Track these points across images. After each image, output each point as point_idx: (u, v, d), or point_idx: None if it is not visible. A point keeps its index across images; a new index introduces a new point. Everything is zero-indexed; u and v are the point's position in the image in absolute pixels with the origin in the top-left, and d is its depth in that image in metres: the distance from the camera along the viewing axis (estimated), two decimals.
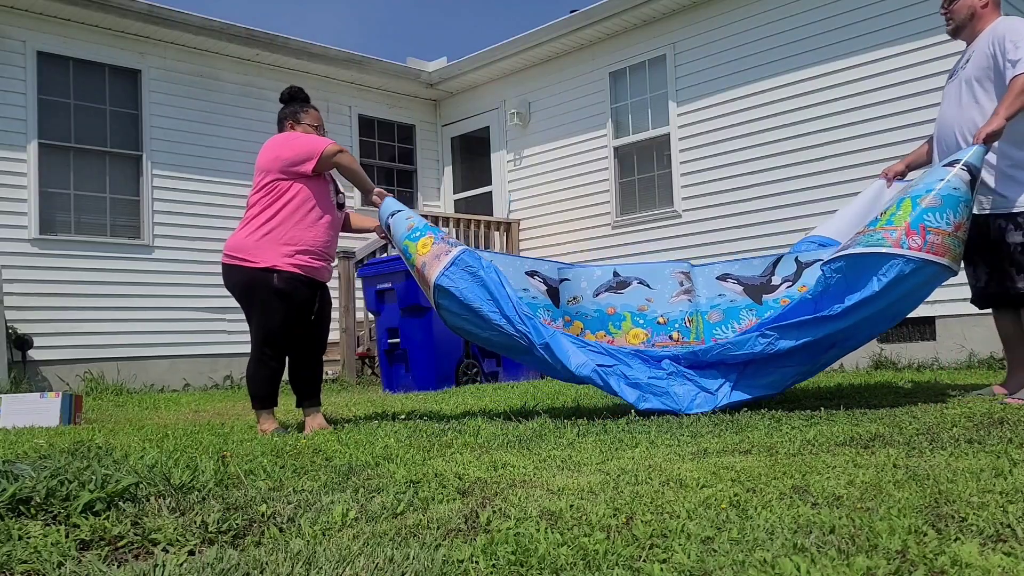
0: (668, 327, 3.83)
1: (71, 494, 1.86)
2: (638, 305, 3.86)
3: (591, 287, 3.93)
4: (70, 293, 7.50)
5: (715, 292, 3.92)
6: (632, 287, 3.89)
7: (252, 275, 3.66)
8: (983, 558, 1.31)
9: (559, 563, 1.40)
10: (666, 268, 3.95)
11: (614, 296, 3.89)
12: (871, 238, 3.33)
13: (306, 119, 3.94)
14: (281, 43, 8.71)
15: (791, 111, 7.32)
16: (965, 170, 3.31)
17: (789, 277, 3.85)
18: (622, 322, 3.85)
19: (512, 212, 9.71)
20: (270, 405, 3.79)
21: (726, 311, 3.89)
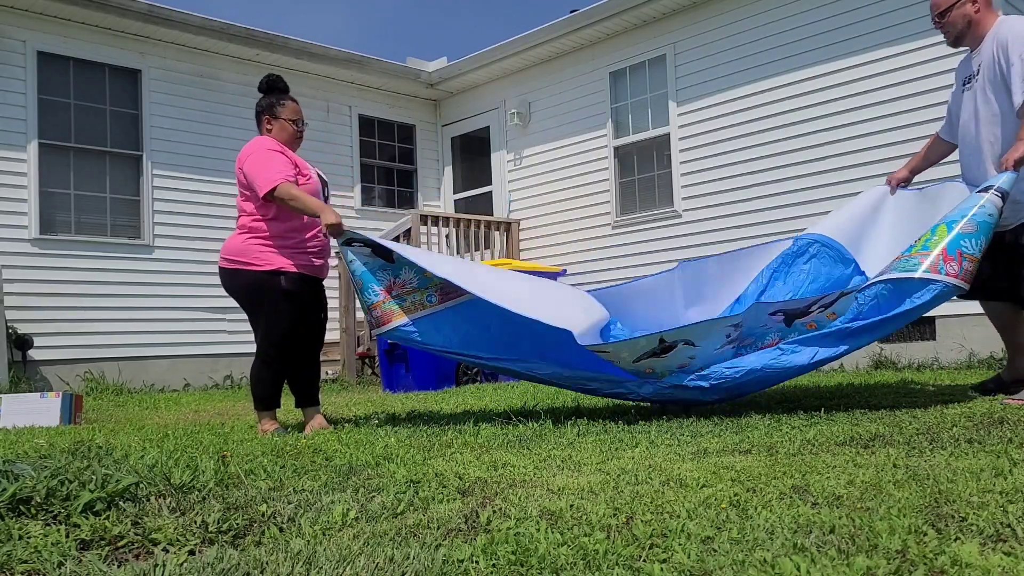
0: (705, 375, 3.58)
1: (71, 494, 1.86)
2: (678, 364, 3.58)
3: (632, 355, 3.57)
4: (70, 293, 7.50)
5: (760, 323, 3.70)
6: (676, 350, 3.54)
7: (258, 278, 3.65)
8: (983, 558, 1.31)
9: (559, 563, 1.40)
10: (720, 324, 3.61)
11: (655, 360, 3.56)
12: (907, 263, 3.32)
13: (284, 113, 3.86)
14: (281, 43, 8.71)
15: (791, 111, 7.32)
16: (999, 195, 3.34)
17: (825, 304, 3.61)
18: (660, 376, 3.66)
19: (512, 212, 9.71)
20: (273, 407, 3.79)
21: (757, 336, 3.73)
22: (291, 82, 9.10)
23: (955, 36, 3.82)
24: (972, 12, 3.73)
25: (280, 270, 3.65)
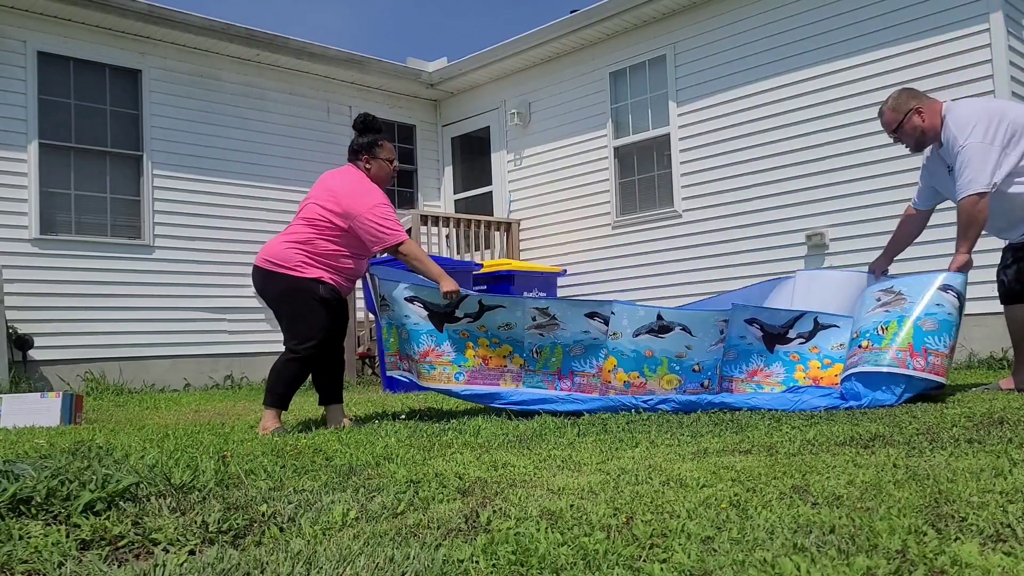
0: (702, 375, 3.89)
1: (72, 494, 1.86)
2: (677, 352, 3.87)
3: (632, 326, 3.90)
4: (70, 293, 7.51)
5: (738, 333, 4.01)
6: (674, 332, 3.86)
7: (298, 283, 3.83)
8: (983, 558, 1.31)
9: (559, 563, 1.40)
10: (712, 317, 3.95)
11: (654, 340, 3.87)
12: (879, 357, 3.62)
13: (382, 153, 4.04)
14: (281, 43, 8.71)
15: (791, 111, 7.32)
16: (955, 296, 3.69)
17: (804, 334, 4.01)
18: (658, 367, 3.89)
19: (512, 212, 9.71)
20: (282, 405, 3.87)
21: (741, 352, 4.04)
22: (291, 82, 9.22)
23: (915, 144, 4.04)
24: (920, 122, 3.95)
25: (319, 279, 3.86)
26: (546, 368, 3.99)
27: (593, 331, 3.98)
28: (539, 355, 3.99)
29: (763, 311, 4.08)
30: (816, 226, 7.12)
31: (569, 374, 4.01)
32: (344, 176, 3.99)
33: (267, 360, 8.30)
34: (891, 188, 6.61)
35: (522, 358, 4.00)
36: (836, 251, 7.01)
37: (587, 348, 3.99)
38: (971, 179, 3.70)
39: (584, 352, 4.00)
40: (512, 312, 3.97)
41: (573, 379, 4.01)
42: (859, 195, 6.85)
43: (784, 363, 4.02)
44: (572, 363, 4.00)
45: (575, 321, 3.96)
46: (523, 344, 3.98)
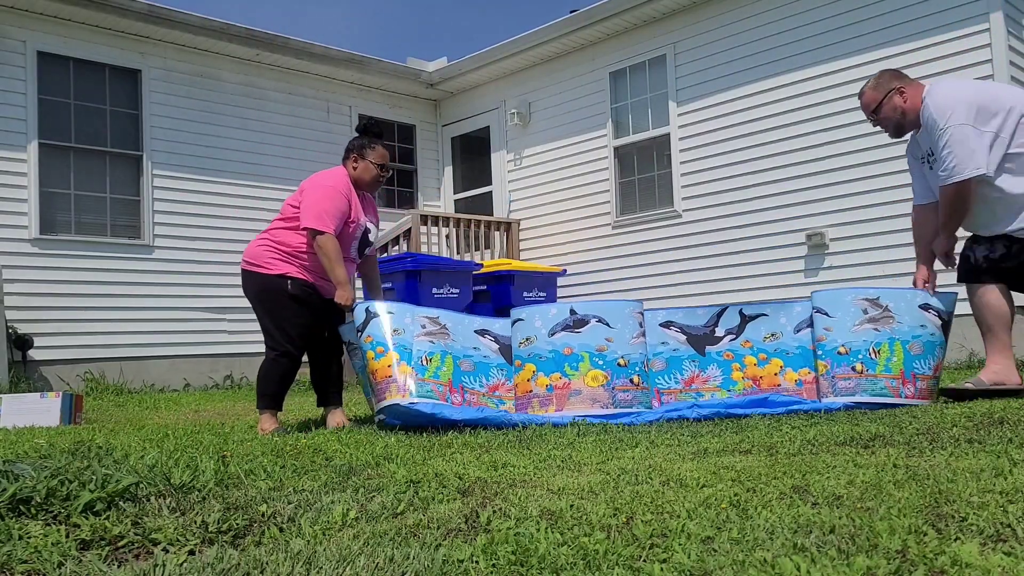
0: (629, 370, 3.66)
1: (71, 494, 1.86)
2: (597, 345, 3.65)
3: (546, 326, 3.69)
4: (70, 293, 7.50)
5: (658, 340, 3.81)
6: (590, 325, 3.65)
7: (266, 280, 3.84)
8: (983, 558, 1.31)
9: (559, 563, 1.40)
10: (626, 307, 3.75)
11: (571, 335, 3.66)
12: (875, 385, 3.58)
13: (371, 156, 4.02)
14: (281, 43, 8.71)
15: (791, 111, 7.32)
16: (935, 315, 3.67)
17: (732, 329, 3.82)
18: (579, 363, 3.65)
19: (512, 212, 9.71)
20: (275, 406, 3.87)
21: (669, 360, 3.83)
22: (291, 82, 9.22)
23: (894, 128, 3.78)
24: (901, 103, 3.69)
25: (285, 275, 3.84)
26: (436, 377, 3.69)
27: (483, 348, 3.83)
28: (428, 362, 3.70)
29: (675, 312, 3.87)
30: (816, 226, 7.12)
31: (460, 388, 3.73)
32: (323, 172, 4.02)
33: None
34: (891, 188, 6.61)
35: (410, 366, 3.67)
36: (836, 251, 7.01)
37: (476, 366, 3.80)
38: (956, 164, 3.42)
39: (473, 369, 3.79)
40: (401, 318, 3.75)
41: (463, 394, 3.73)
42: (859, 195, 6.85)
43: (719, 364, 3.80)
44: (462, 378, 3.74)
45: (465, 335, 3.82)
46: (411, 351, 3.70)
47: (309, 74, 9.24)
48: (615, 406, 3.60)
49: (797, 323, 3.79)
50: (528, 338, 3.72)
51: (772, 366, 3.78)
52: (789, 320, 3.81)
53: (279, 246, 3.87)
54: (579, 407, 3.58)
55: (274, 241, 3.89)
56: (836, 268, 6.98)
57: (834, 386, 3.61)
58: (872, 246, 6.70)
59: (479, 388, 3.78)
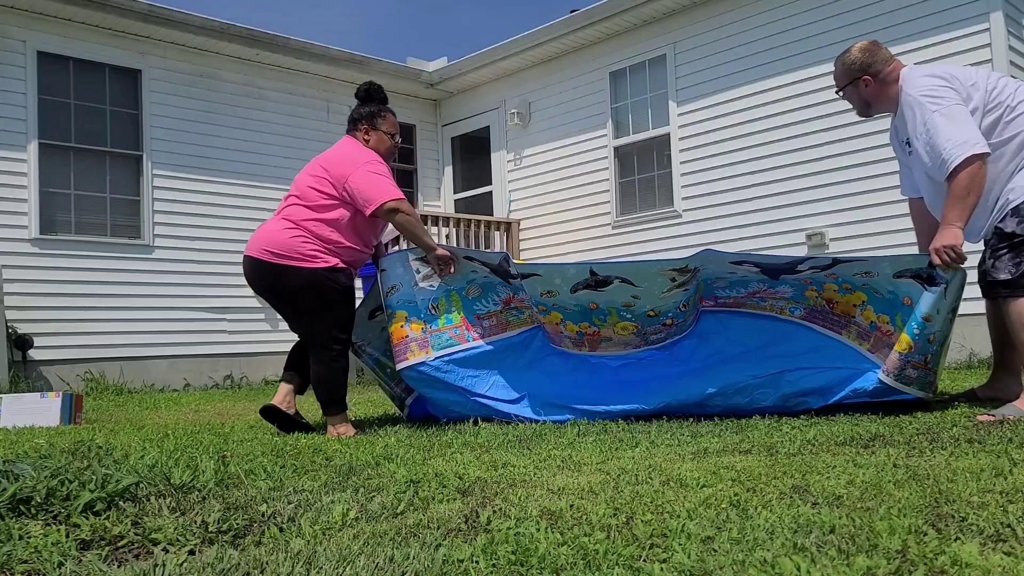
0: (662, 317, 3.51)
1: (71, 494, 1.86)
2: (623, 302, 3.49)
3: (566, 284, 3.50)
4: (70, 293, 7.50)
5: (726, 271, 3.47)
6: (614, 285, 3.45)
7: (316, 275, 3.56)
8: (983, 558, 1.31)
9: (559, 563, 1.40)
10: (654, 266, 3.44)
11: (594, 293, 3.48)
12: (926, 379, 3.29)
13: (384, 125, 3.78)
14: (281, 43, 8.71)
15: (791, 111, 7.32)
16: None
17: (818, 267, 3.38)
18: (607, 316, 3.54)
19: (512, 212, 9.71)
20: (346, 407, 3.71)
21: (734, 282, 3.52)
22: (291, 82, 9.23)
23: (859, 109, 3.58)
24: (864, 91, 3.46)
25: (336, 267, 3.61)
26: (449, 322, 3.69)
27: (479, 270, 3.70)
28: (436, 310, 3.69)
29: (752, 255, 3.52)
30: (816, 226, 7.12)
31: (476, 319, 3.73)
32: (338, 146, 3.76)
33: (267, 360, 8.31)
34: (891, 188, 6.60)
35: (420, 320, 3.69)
36: (836, 251, 7.00)
37: (482, 287, 3.73)
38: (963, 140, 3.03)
39: (480, 293, 3.73)
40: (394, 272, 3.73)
41: (480, 324, 3.72)
42: (859, 195, 6.85)
43: (792, 285, 3.47)
44: (474, 306, 3.72)
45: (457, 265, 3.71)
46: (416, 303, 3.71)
47: (309, 74, 9.24)
48: (648, 345, 3.60)
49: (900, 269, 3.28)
50: (550, 291, 3.56)
51: (855, 297, 3.40)
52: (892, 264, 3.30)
53: (318, 239, 3.58)
54: (612, 350, 3.64)
55: (311, 233, 3.58)
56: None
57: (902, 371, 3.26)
58: (872, 246, 6.69)
59: (494, 308, 3.74)
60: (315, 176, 3.64)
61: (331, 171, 3.61)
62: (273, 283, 3.63)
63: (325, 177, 3.61)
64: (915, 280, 3.24)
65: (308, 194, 3.61)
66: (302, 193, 3.63)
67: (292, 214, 3.63)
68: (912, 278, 3.24)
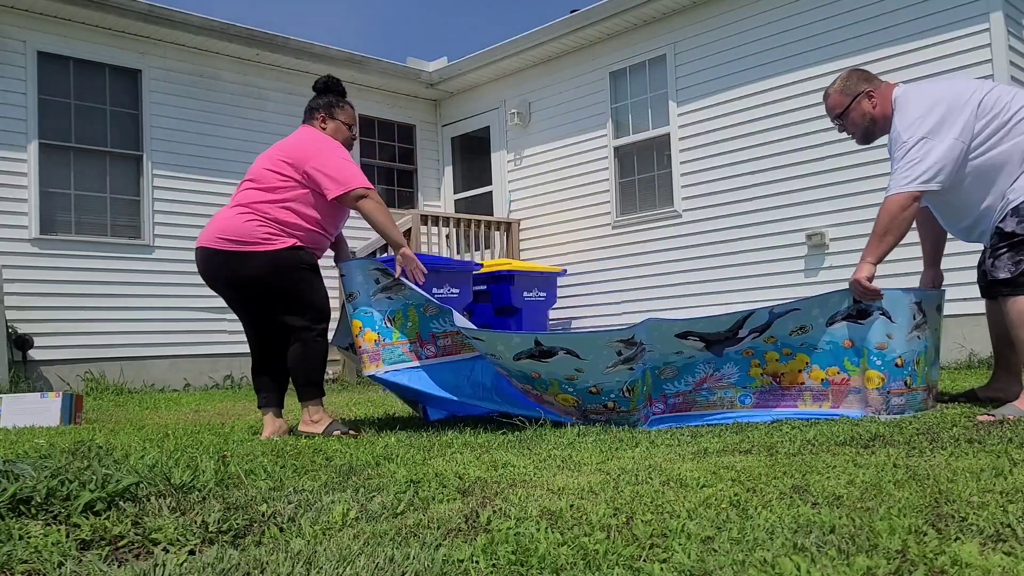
0: (603, 397, 3.32)
1: (71, 494, 1.86)
2: (566, 375, 3.33)
3: (509, 352, 3.35)
4: (70, 293, 7.51)
5: (672, 349, 3.35)
6: (558, 357, 3.28)
7: (278, 256, 3.39)
8: (983, 558, 1.31)
9: (559, 563, 1.40)
10: (601, 338, 3.28)
11: (537, 364, 3.33)
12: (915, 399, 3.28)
13: (341, 115, 3.66)
14: (281, 43, 8.72)
15: (791, 111, 7.32)
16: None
17: (757, 328, 3.32)
18: (548, 386, 3.40)
19: (512, 212, 9.71)
20: (323, 392, 3.56)
21: (682, 367, 3.40)
22: (291, 82, 9.22)
23: (863, 135, 3.48)
24: (870, 109, 3.39)
25: (296, 246, 3.45)
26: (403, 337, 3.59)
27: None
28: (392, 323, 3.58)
29: (696, 322, 3.33)
30: (816, 226, 7.12)
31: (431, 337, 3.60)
32: (297, 133, 3.59)
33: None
34: None
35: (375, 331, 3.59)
36: (836, 251, 7.01)
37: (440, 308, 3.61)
38: (908, 175, 3.11)
39: (439, 311, 3.61)
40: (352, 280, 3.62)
41: (435, 343, 3.60)
42: (859, 195, 6.85)
43: (736, 363, 3.39)
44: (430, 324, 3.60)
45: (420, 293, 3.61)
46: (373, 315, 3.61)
47: (309, 74, 9.23)
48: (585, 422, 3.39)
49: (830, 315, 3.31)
50: (493, 354, 3.43)
51: (797, 361, 3.36)
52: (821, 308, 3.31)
53: (274, 222, 3.41)
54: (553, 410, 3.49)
55: (265, 215, 3.40)
56: (836, 268, 6.98)
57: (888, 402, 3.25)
58: None
59: (451, 329, 3.60)
60: (272, 159, 3.49)
61: (290, 154, 3.47)
62: (233, 274, 3.44)
63: (282, 159, 3.46)
64: (847, 321, 3.28)
65: (264, 176, 3.46)
66: (257, 176, 3.48)
67: (245, 198, 3.46)
68: (844, 320, 3.29)
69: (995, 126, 3.15)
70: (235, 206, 3.47)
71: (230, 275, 3.46)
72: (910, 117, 3.20)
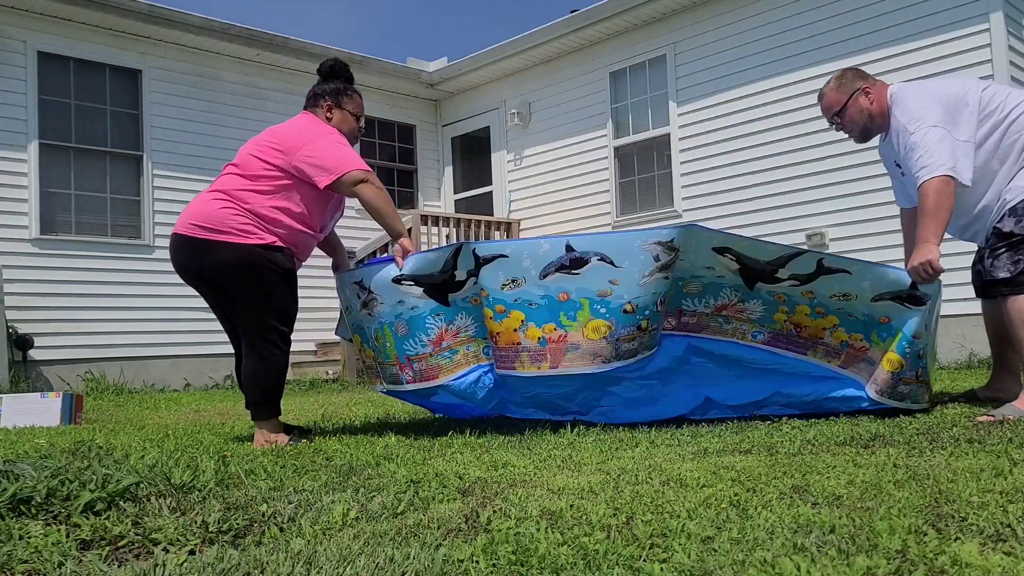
0: (637, 315, 3.01)
1: (72, 494, 1.86)
2: (598, 289, 3.01)
3: (536, 266, 3.03)
4: (70, 293, 7.51)
5: (704, 262, 3.10)
6: (591, 265, 3.00)
7: (250, 252, 3.08)
8: (983, 558, 1.31)
9: (559, 563, 1.40)
10: (637, 239, 3.00)
11: (567, 278, 3.02)
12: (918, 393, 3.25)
13: (348, 105, 3.38)
14: (281, 43, 8.72)
15: (791, 111, 7.32)
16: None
17: (800, 277, 3.12)
18: (578, 311, 3.03)
19: (512, 212, 9.71)
20: (279, 412, 3.25)
21: (707, 286, 3.16)
22: (291, 82, 9.23)
23: (860, 132, 3.44)
24: (868, 104, 3.34)
25: (274, 245, 3.13)
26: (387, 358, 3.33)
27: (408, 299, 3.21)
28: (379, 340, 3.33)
29: (740, 239, 3.11)
30: (816, 226, 7.12)
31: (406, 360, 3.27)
32: (294, 119, 3.30)
33: None
34: (891, 188, 6.61)
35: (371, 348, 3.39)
36: (836, 251, 7.00)
37: (409, 323, 3.23)
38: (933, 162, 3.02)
39: (408, 331, 3.24)
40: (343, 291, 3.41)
41: (411, 367, 3.28)
42: (859, 195, 6.85)
43: (764, 302, 3.18)
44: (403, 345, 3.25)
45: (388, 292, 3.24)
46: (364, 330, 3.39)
47: (309, 74, 9.19)
48: (617, 359, 3.07)
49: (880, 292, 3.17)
50: (515, 279, 3.06)
51: (828, 320, 3.20)
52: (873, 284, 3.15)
53: (252, 214, 3.11)
54: (577, 363, 3.07)
55: (242, 204, 3.11)
56: None
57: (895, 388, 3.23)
58: (872, 246, 6.69)
59: (423, 350, 3.23)
60: (260, 144, 3.20)
61: (282, 141, 3.17)
62: (200, 264, 3.16)
63: (272, 146, 3.17)
64: (895, 301, 3.16)
65: (249, 162, 3.18)
66: (242, 161, 3.21)
67: (224, 184, 3.20)
68: (892, 300, 3.18)
69: (991, 124, 3.15)
70: (212, 191, 3.22)
71: (198, 265, 3.19)
72: (911, 109, 3.16)
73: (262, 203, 3.14)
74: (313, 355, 8.90)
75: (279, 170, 3.16)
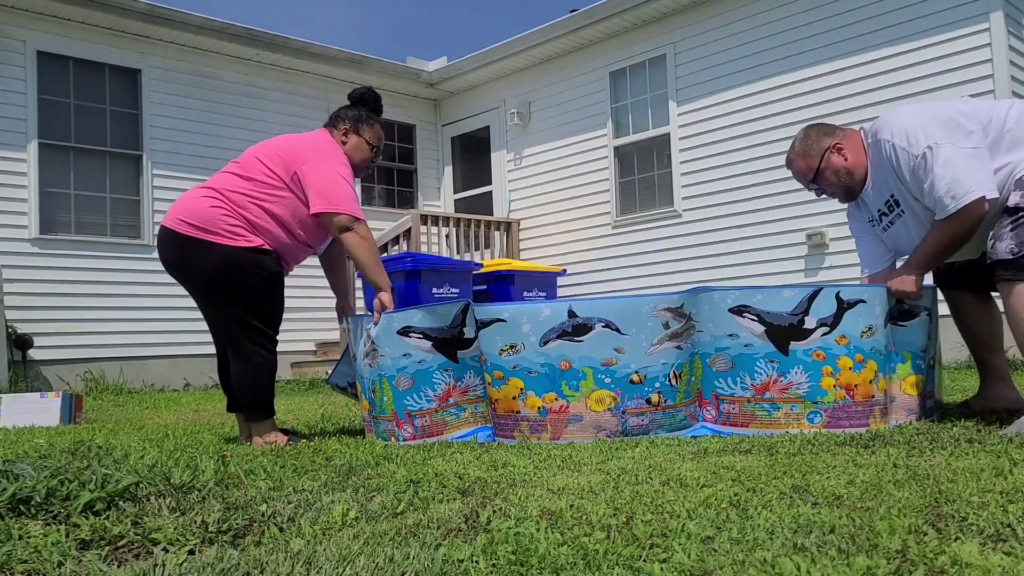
0: (645, 387, 2.87)
1: (71, 494, 1.86)
2: (603, 358, 2.87)
3: (536, 332, 2.90)
4: (70, 293, 7.51)
5: (724, 330, 2.90)
6: (595, 332, 2.87)
7: (237, 254, 3.06)
8: (983, 558, 1.31)
9: (559, 563, 1.40)
10: (644, 305, 2.88)
11: (569, 345, 2.88)
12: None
13: (367, 133, 3.36)
14: (281, 43, 8.72)
15: (791, 111, 7.32)
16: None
17: (826, 320, 2.87)
18: (581, 381, 2.89)
19: (512, 212, 9.71)
20: (273, 413, 3.26)
21: (736, 358, 2.90)
22: (291, 82, 9.24)
23: (844, 193, 3.12)
24: (842, 163, 3.02)
25: (262, 248, 3.12)
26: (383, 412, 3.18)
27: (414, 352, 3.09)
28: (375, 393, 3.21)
29: (753, 293, 2.89)
30: (816, 226, 7.12)
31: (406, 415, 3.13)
32: (308, 134, 3.29)
33: None
34: None
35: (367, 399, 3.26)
36: (836, 251, 7.01)
37: (414, 378, 3.10)
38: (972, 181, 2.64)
39: (412, 385, 3.11)
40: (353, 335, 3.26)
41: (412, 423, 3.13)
42: None
43: (806, 367, 2.87)
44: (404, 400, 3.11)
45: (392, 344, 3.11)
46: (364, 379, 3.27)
47: (309, 74, 9.24)
48: (625, 434, 2.90)
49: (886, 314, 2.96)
50: (513, 345, 2.95)
51: (867, 371, 2.90)
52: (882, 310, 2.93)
53: (242, 218, 3.09)
54: (579, 435, 2.92)
55: (234, 207, 3.09)
56: (836, 268, 6.98)
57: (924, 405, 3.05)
58: None
59: (428, 405, 3.11)
60: (267, 149, 3.20)
61: (290, 151, 3.15)
62: (185, 261, 3.12)
63: (279, 153, 3.16)
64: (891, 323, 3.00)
65: (250, 165, 3.17)
66: (244, 161, 3.20)
67: (220, 182, 3.18)
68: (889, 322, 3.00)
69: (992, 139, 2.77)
70: (205, 187, 3.19)
71: (182, 262, 3.14)
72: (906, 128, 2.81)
73: (255, 208, 3.12)
74: (313, 355, 8.90)
75: (277, 178, 3.15)
